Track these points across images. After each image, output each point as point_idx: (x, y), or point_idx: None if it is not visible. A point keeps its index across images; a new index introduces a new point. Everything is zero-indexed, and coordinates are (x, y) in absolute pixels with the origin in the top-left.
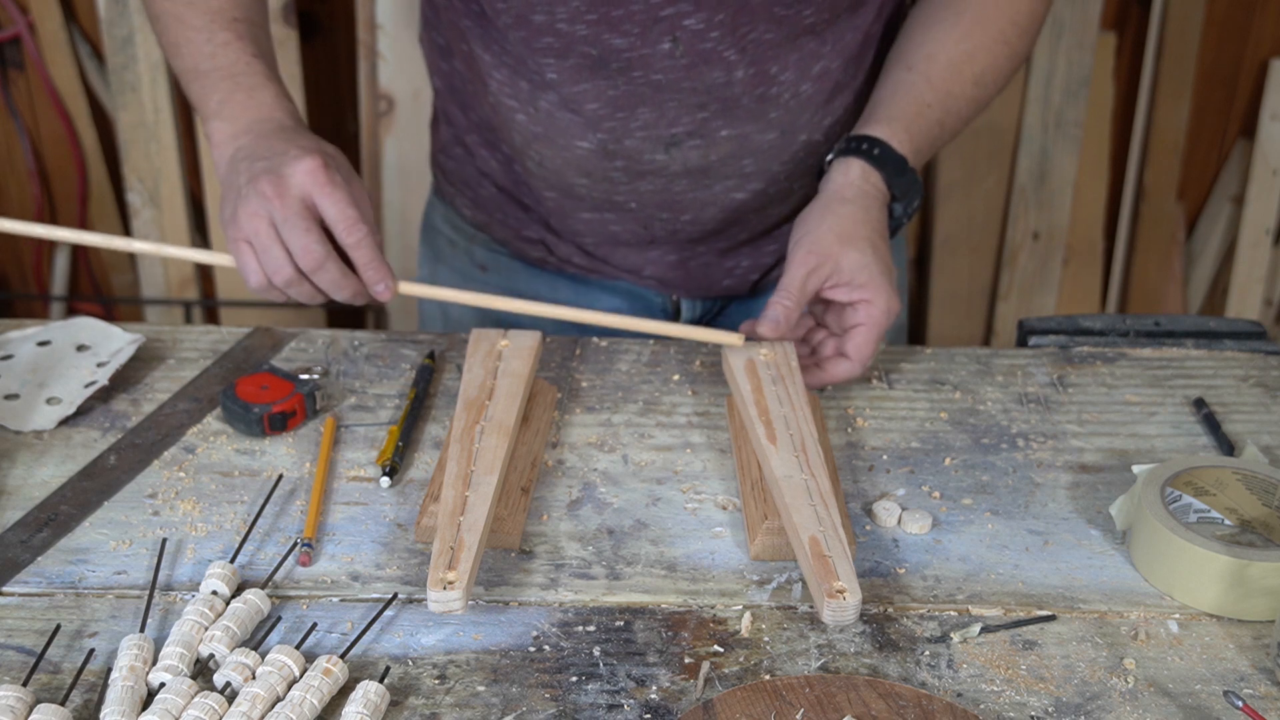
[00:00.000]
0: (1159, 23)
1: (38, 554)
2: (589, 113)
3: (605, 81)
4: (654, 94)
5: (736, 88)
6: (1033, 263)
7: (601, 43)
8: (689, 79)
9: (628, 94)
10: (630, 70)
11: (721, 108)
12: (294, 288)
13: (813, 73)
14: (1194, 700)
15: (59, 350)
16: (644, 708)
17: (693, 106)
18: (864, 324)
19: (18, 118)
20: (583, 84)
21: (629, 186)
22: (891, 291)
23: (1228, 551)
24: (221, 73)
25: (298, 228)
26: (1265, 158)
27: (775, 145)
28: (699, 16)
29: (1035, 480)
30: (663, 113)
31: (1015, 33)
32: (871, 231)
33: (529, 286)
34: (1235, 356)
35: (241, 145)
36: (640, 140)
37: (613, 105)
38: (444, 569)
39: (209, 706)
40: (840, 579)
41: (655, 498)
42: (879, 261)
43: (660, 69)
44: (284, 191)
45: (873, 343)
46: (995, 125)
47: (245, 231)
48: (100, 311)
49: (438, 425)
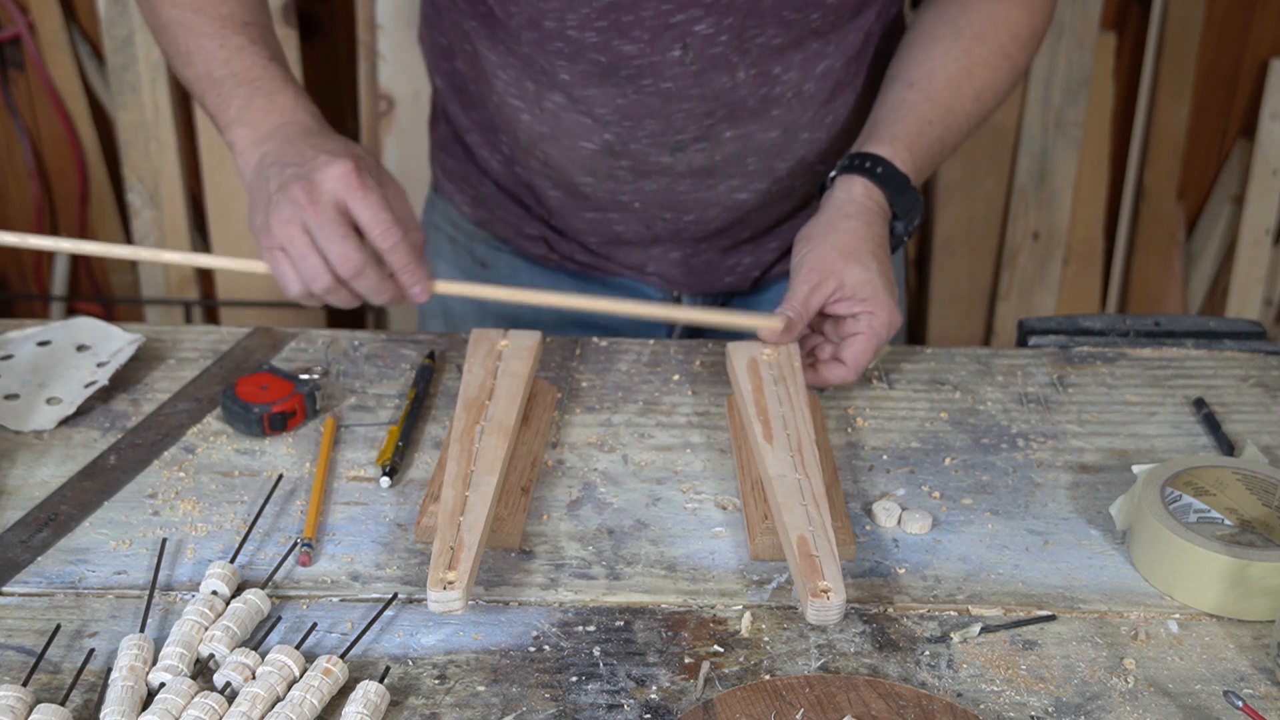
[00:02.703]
0: (1159, 23)
1: (38, 554)
2: (598, 115)
3: (614, 89)
4: (662, 104)
5: (742, 90)
6: (1033, 263)
7: (611, 49)
8: (697, 86)
9: (636, 103)
10: (640, 79)
11: (728, 112)
12: (333, 294)
13: (816, 72)
14: (1194, 700)
15: (59, 350)
16: (644, 708)
17: (700, 115)
18: (864, 334)
19: (18, 118)
20: (592, 89)
21: (633, 186)
22: (893, 306)
23: (1228, 551)
24: (239, 79)
25: (334, 235)
26: (1265, 158)
27: (778, 143)
28: (709, 22)
29: (1035, 480)
30: (670, 122)
31: (1016, 47)
32: (875, 247)
33: (530, 284)
34: (1235, 356)
35: (267, 151)
36: (646, 145)
37: (620, 113)
38: (444, 569)
39: (209, 706)
40: (825, 578)
41: (655, 498)
42: (882, 277)
43: (670, 77)
44: (317, 198)
45: (870, 352)
46: (995, 125)
47: (279, 240)
48: (100, 311)
49: (438, 425)
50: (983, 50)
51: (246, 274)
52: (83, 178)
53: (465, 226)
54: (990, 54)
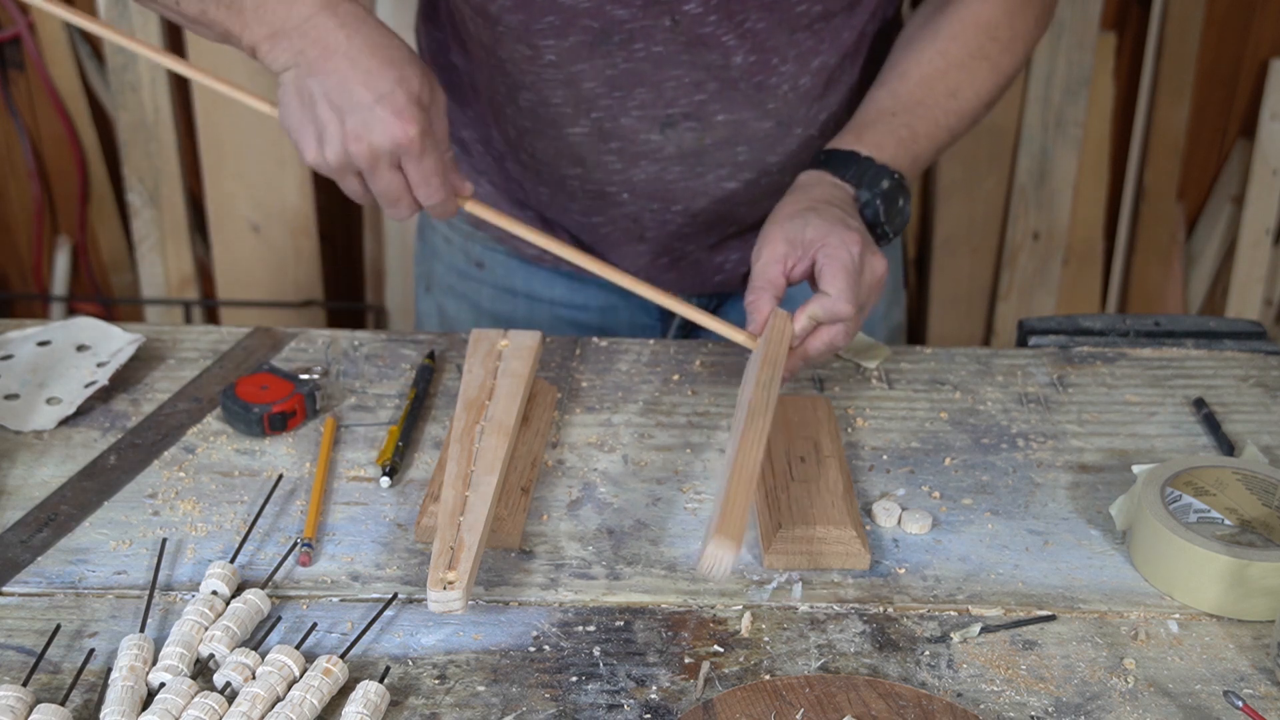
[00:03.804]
0: (1159, 23)
1: (38, 554)
2: (586, 92)
3: (604, 60)
4: (653, 71)
5: (734, 71)
6: (1033, 263)
7: (604, 14)
8: (688, 54)
9: (627, 72)
10: (632, 43)
11: (719, 89)
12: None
13: (811, 66)
14: (1194, 700)
15: (59, 350)
16: (644, 708)
17: (690, 86)
18: (825, 263)
19: (18, 118)
20: (581, 63)
21: (623, 175)
22: (849, 233)
23: (1228, 551)
24: None
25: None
26: (1265, 158)
27: (771, 135)
28: (696, 1)
29: (1035, 480)
30: (660, 92)
31: (996, 48)
32: (814, 201)
33: (526, 284)
34: (1235, 356)
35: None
36: (636, 119)
37: (610, 84)
38: (444, 569)
39: (209, 706)
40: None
41: (655, 498)
42: (822, 216)
43: (661, 41)
44: (375, 163)
45: (842, 275)
46: (995, 125)
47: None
48: (100, 311)
49: (438, 425)
50: (959, 51)
51: (246, 274)
52: (83, 178)
53: (461, 227)
54: (966, 54)
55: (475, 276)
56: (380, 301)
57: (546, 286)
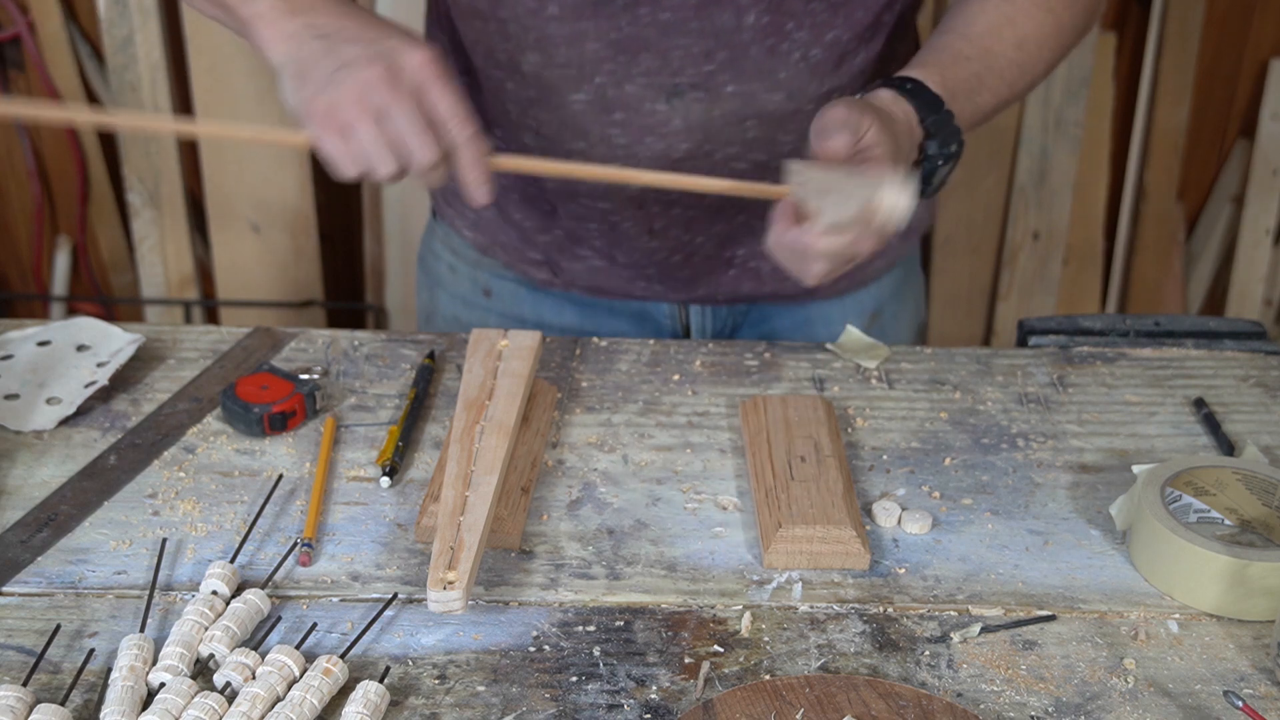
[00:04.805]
0: (1159, 23)
1: (38, 554)
2: (590, 54)
3: (608, 22)
4: (659, 37)
5: (746, 34)
6: (1033, 263)
7: None
8: (697, 19)
9: (631, 36)
10: (637, 7)
11: (729, 57)
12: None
13: (825, 39)
14: (1194, 700)
15: (59, 350)
16: (644, 708)
17: (698, 56)
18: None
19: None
20: (584, 22)
21: (627, 151)
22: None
23: (1228, 551)
24: None
25: (413, 127)
26: (1265, 158)
27: (781, 110)
28: None
29: (1035, 480)
30: (666, 60)
31: (1060, 2)
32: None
33: (534, 311)
34: (1235, 356)
35: (315, 22)
36: (641, 87)
37: (615, 48)
38: (444, 569)
39: (209, 706)
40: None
41: (655, 498)
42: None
43: (669, 6)
44: (398, 84)
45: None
46: (995, 125)
47: (342, 120)
48: (100, 311)
49: (438, 425)
50: (1024, 1)
51: (246, 274)
52: (83, 178)
53: (468, 254)
54: (1031, 4)
55: (482, 305)
56: (380, 301)
57: (555, 313)
